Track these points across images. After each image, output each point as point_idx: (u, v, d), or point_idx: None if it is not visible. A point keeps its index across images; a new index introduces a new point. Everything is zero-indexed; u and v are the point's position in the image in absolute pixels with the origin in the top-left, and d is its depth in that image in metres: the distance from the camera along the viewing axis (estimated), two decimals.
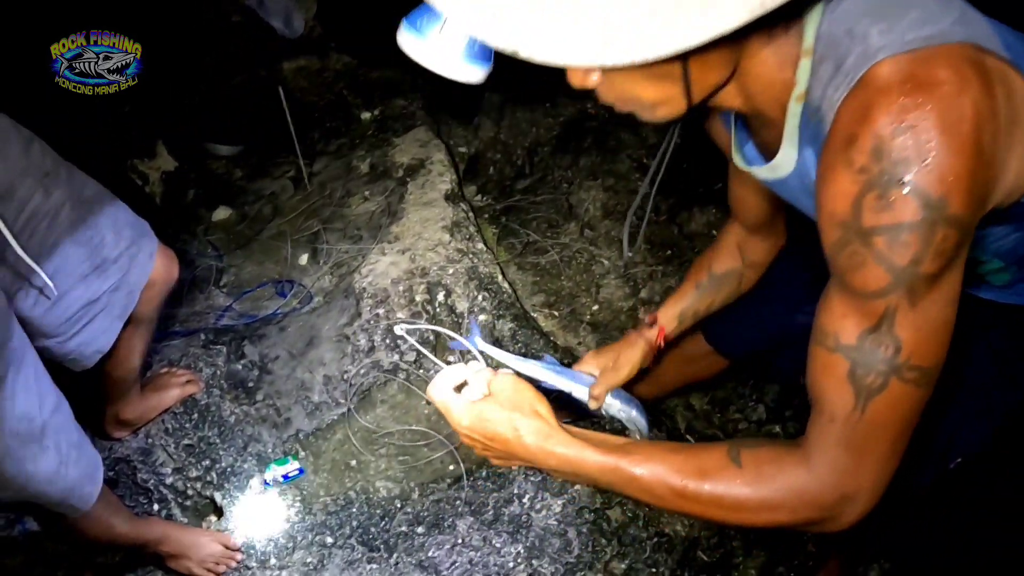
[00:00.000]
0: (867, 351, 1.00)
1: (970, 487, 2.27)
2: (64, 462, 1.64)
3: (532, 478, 2.38)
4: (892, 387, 1.00)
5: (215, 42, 3.85)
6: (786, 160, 1.23)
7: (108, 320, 1.88)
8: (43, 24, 2.18)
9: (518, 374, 1.25)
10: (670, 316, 1.94)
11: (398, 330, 1.32)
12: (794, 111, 1.12)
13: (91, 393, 2.23)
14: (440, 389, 1.22)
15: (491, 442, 1.18)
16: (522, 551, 2.22)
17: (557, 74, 3.34)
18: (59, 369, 1.81)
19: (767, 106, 1.16)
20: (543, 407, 1.17)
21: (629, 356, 1.88)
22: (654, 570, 2.26)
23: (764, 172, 1.34)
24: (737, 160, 1.46)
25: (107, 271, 1.82)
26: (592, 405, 1.75)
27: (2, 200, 1.54)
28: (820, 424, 1.07)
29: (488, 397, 1.18)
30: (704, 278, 1.94)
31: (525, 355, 1.62)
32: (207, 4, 3.82)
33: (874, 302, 0.98)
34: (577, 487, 2.35)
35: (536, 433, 1.15)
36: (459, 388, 1.24)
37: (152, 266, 1.95)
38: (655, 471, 1.10)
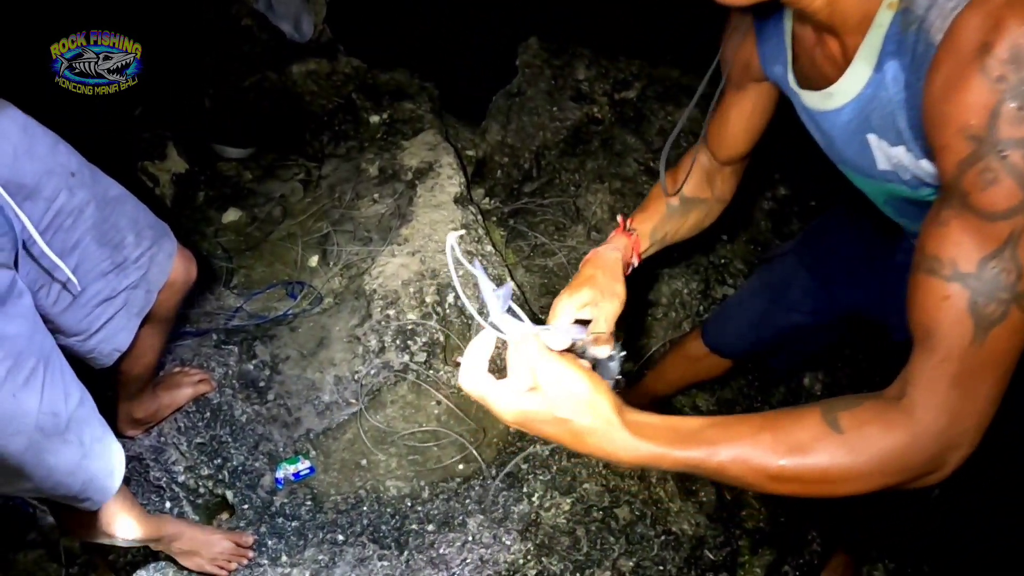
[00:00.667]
0: (988, 278, 0.94)
1: (974, 489, 2.30)
2: (87, 455, 1.66)
3: (542, 477, 2.41)
4: (1012, 316, 0.94)
5: (225, 45, 3.89)
6: (853, 82, 1.17)
7: (126, 318, 1.90)
8: (43, 24, 2.19)
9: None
10: (642, 232, 1.67)
11: (450, 240, 1.06)
12: (882, 20, 1.08)
13: (105, 392, 2.26)
14: (473, 379, 1.03)
15: (544, 438, 1.05)
16: (532, 549, 2.24)
17: (564, 76, 3.34)
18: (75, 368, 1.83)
19: (851, 11, 1.11)
20: (603, 401, 1.01)
21: (614, 273, 1.54)
22: (661, 568, 2.29)
23: (815, 100, 1.29)
24: (790, 79, 1.38)
25: (127, 270, 1.84)
26: (602, 353, 1.32)
27: (29, 198, 1.57)
28: (930, 364, 0.98)
29: (535, 391, 1.01)
30: (675, 200, 1.72)
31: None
32: (216, 7, 3.86)
33: (1000, 224, 0.93)
34: (586, 485, 2.38)
35: (600, 437, 1.00)
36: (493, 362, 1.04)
37: (171, 266, 1.98)
38: (744, 457, 0.99)
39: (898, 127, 1.13)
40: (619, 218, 1.67)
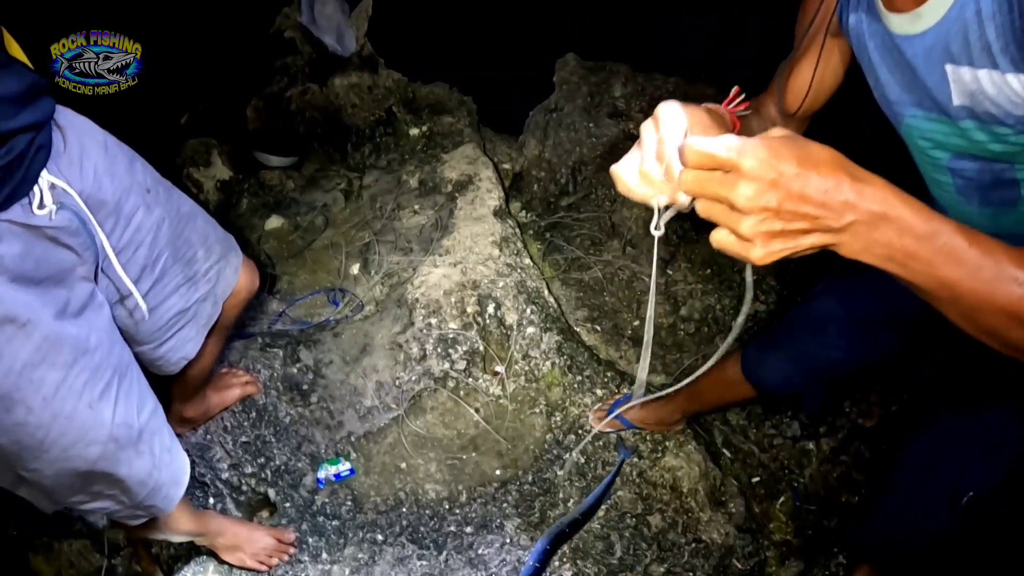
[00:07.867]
0: None
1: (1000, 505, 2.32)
2: (157, 466, 1.72)
3: (577, 484, 2.47)
4: None
5: (269, 57, 3.98)
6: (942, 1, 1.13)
7: (195, 329, 1.96)
8: (43, 24, 2.22)
9: None
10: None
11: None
12: None
13: (157, 391, 2.34)
14: (707, 140, 0.82)
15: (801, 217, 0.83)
16: (567, 552, 2.30)
17: (601, 93, 3.40)
18: None
19: None
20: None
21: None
22: (691, 575, 2.34)
23: (903, 23, 1.24)
24: (878, 2, 1.32)
25: (198, 283, 1.90)
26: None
27: (111, 215, 1.62)
28: None
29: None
30: (755, 122, 1.58)
31: None
32: (263, 21, 3.96)
33: None
34: (620, 493, 2.44)
35: (890, 207, 0.84)
36: None
37: (237, 279, 2.05)
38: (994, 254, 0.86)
39: (986, 40, 1.09)
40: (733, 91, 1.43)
